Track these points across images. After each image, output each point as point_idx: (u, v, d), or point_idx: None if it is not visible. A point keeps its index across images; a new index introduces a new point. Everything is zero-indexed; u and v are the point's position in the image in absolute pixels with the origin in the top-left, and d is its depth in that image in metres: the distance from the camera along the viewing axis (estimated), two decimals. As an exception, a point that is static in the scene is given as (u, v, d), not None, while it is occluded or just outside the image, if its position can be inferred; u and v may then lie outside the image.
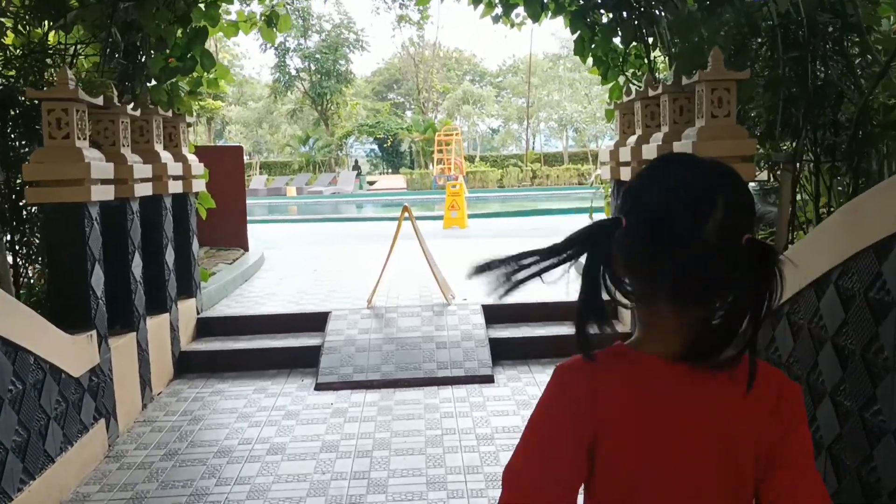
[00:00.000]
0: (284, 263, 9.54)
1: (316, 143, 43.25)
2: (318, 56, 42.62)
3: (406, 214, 6.56)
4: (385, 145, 45.01)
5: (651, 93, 5.33)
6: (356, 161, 49.15)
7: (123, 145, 4.74)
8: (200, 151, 8.89)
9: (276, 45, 43.37)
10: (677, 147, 4.47)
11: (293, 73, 44.19)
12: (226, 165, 9.61)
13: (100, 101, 4.36)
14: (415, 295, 6.90)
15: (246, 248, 9.58)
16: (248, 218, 9.99)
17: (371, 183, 47.72)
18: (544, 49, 59.18)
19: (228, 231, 9.57)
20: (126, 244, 4.73)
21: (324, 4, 44.24)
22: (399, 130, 43.94)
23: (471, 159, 41.67)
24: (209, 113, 48.12)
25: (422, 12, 44.88)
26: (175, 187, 5.60)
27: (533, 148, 46.47)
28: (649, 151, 4.97)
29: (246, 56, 66.93)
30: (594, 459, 1.12)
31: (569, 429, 1.12)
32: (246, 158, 54.43)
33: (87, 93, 4.18)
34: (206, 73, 5.96)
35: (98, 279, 4.30)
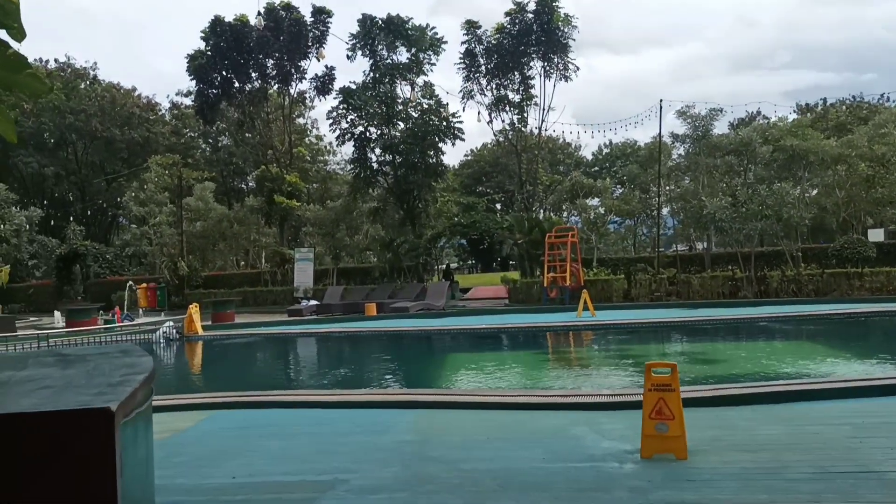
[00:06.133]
0: None
1: (401, 247, 36.82)
2: (402, 147, 36.73)
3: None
4: (481, 247, 38.16)
5: None
6: (447, 265, 42.41)
7: None
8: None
9: (354, 135, 38.01)
10: None
11: (374, 166, 38.43)
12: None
13: None
14: None
15: None
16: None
17: (465, 291, 40.81)
18: (671, 129, 49.81)
19: None
20: None
21: (410, 93, 38.82)
22: (499, 230, 37.06)
23: (587, 264, 34.18)
24: (283, 212, 42.93)
25: (524, 94, 38.85)
26: None
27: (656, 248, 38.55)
28: None
29: (329, 150, 62.50)
30: None
31: None
32: (330, 262, 47.71)
33: None
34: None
35: None
